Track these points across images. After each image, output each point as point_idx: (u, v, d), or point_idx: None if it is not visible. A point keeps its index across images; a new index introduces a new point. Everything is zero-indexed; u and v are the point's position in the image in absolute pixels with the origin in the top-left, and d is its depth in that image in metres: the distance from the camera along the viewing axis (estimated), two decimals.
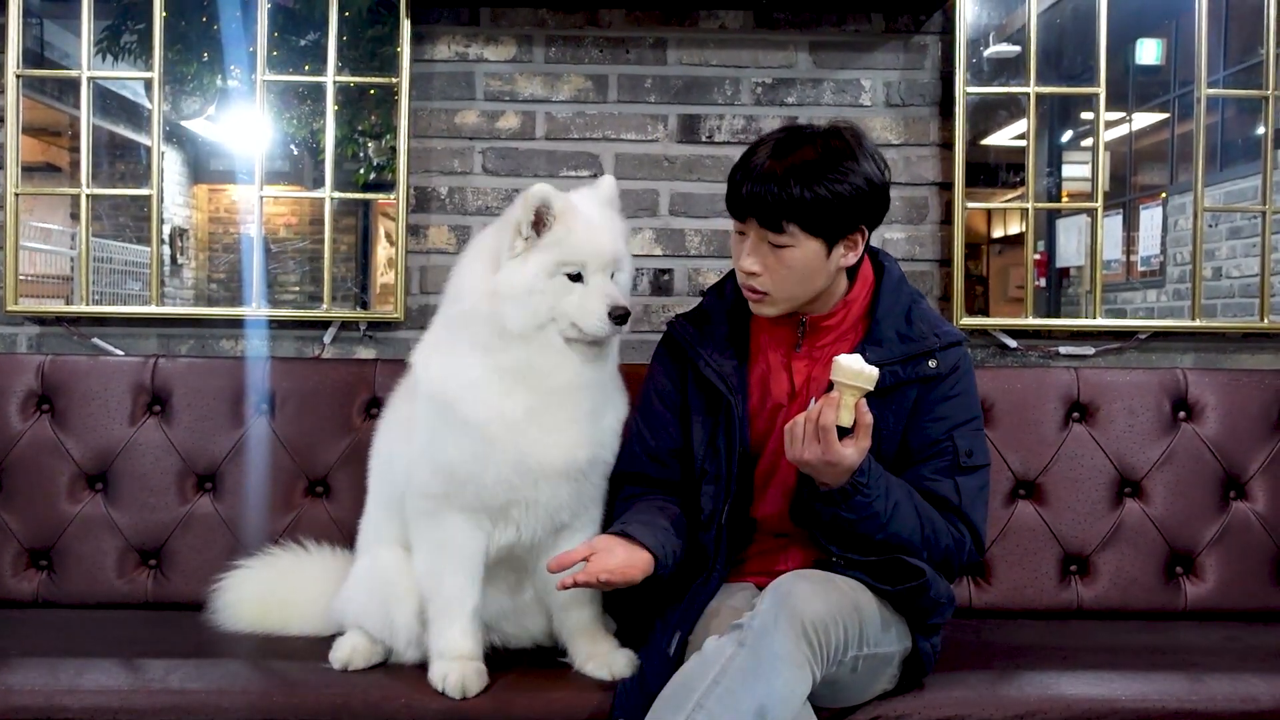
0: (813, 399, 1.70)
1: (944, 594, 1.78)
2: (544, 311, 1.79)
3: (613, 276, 1.85)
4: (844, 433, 1.64)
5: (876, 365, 1.66)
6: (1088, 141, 2.68)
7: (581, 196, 1.87)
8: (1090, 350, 2.60)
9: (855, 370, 1.61)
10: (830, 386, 1.64)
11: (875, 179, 1.75)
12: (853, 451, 1.64)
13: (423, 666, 1.86)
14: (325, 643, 1.97)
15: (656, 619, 1.82)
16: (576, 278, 1.80)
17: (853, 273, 1.86)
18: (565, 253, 1.79)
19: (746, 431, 1.85)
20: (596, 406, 1.88)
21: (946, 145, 2.58)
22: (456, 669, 1.79)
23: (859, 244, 1.79)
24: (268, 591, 2.15)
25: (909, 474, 1.80)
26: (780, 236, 1.73)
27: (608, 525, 1.93)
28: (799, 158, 1.71)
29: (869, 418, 1.64)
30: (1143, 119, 3.61)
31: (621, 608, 2.02)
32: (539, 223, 1.79)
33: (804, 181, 1.70)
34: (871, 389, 1.63)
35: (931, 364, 1.80)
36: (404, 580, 1.92)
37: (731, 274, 1.93)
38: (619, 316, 1.79)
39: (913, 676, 1.79)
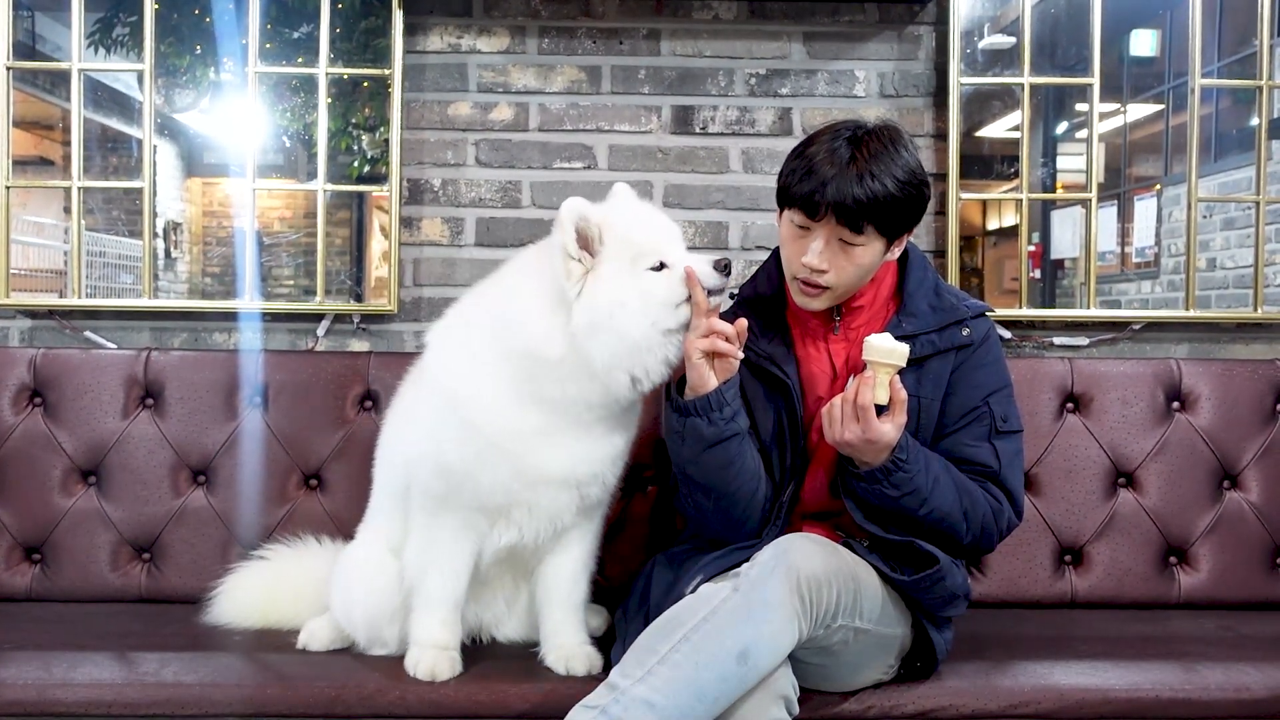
0: (850, 378, 1.73)
1: (960, 586, 1.79)
2: (646, 324, 1.70)
3: None
4: (880, 410, 1.67)
5: (912, 335, 1.74)
6: (1082, 133, 2.68)
7: (612, 200, 1.82)
8: (1084, 341, 2.59)
9: (887, 348, 1.66)
10: (864, 366, 1.68)
11: (929, 183, 1.80)
12: (891, 428, 1.67)
13: (397, 659, 1.86)
14: None
15: (651, 581, 1.84)
16: (658, 269, 1.72)
17: None
18: (639, 244, 1.71)
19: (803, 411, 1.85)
20: (610, 429, 1.84)
21: (941, 136, 2.58)
22: (429, 655, 1.81)
23: (905, 241, 1.83)
24: (265, 588, 2.14)
25: (949, 441, 1.82)
26: (857, 236, 1.73)
27: (609, 528, 1.98)
28: (880, 161, 1.71)
29: (904, 394, 1.68)
30: (1137, 110, 3.62)
31: (616, 605, 2.02)
32: (585, 239, 1.69)
33: (888, 186, 1.70)
34: (904, 365, 1.67)
35: (965, 331, 1.83)
36: (372, 575, 1.91)
37: (764, 267, 1.94)
38: (723, 266, 1.73)
39: (924, 668, 1.80)
